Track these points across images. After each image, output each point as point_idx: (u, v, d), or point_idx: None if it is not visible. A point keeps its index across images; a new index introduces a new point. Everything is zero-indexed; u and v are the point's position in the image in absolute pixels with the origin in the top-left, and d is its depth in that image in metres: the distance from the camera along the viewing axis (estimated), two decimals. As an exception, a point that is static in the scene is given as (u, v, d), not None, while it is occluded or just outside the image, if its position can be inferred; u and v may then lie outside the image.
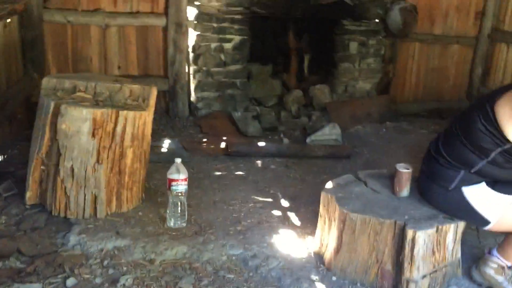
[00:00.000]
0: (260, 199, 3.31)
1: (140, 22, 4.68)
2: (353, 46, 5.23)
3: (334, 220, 2.47)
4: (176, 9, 4.63)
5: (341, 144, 4.46)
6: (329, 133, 4.44)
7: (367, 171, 2.85)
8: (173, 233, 2.74)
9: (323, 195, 2.57)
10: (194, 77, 4.85)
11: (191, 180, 3.12)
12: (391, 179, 2.63)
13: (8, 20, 3.76)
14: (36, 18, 4.25)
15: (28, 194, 2.89)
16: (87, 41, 4.61)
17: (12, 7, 3.63)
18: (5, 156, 3.36)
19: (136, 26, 4.68)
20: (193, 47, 4.76)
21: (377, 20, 5.20)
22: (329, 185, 2.66)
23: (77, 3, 4.49)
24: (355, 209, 2.39)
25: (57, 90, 2.91)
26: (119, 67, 4.74)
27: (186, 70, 4.83)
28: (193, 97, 4.90)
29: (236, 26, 4.81)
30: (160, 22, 4.69)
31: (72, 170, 2.74)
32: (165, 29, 4.71)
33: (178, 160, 2.90)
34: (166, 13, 4.66)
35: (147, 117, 2.89)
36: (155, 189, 3.28)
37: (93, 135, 2.70)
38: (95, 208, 2.82)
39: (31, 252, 2.46)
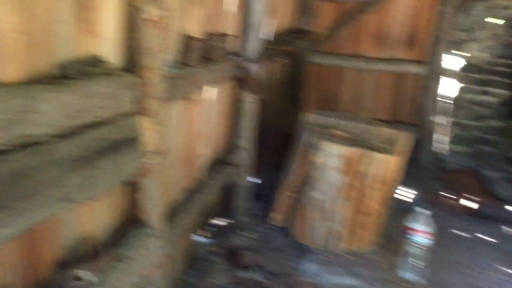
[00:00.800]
0: (509, 271, 2.93)
1: (396, 69, 4.72)
2: None
3: None
4: (438, 58, 4.52)
5: None
6: None
7: None
8: (404, 285, 2.63)
9: None
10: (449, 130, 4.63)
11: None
12: None
13: (285, 61, 4.24)
14: (304, 60, 4.70)
15: (274, 216, 3.16)
16: (343, 82, 4.87)
17: (291, 49, 4.08)
18: (261, 180, 3.75)
19: (391, 72, 4.74)
20: (455, 99, 4.55)
21: None
22: None
23: (341, 48, 4.81)
24: None
25: (315, 125, 3.13)
26: (369, 110, 4.86)
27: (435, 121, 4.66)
28: (440, 149, 4.67)
29: (504, 80, 4.43)
30: (418, 70, 4.64)
31: (319, 202, 2.89)
32: (421, 78, 4.64)
33: (424, 211, 2.78)
34: (425, 61, 4.60)
35: (398, 162, 2.87)
36: (389, 235, 3.21)
37: (344, 172, 2.80)
38: (334, 242, 2.91)
39: (272, 269, 2.67)
